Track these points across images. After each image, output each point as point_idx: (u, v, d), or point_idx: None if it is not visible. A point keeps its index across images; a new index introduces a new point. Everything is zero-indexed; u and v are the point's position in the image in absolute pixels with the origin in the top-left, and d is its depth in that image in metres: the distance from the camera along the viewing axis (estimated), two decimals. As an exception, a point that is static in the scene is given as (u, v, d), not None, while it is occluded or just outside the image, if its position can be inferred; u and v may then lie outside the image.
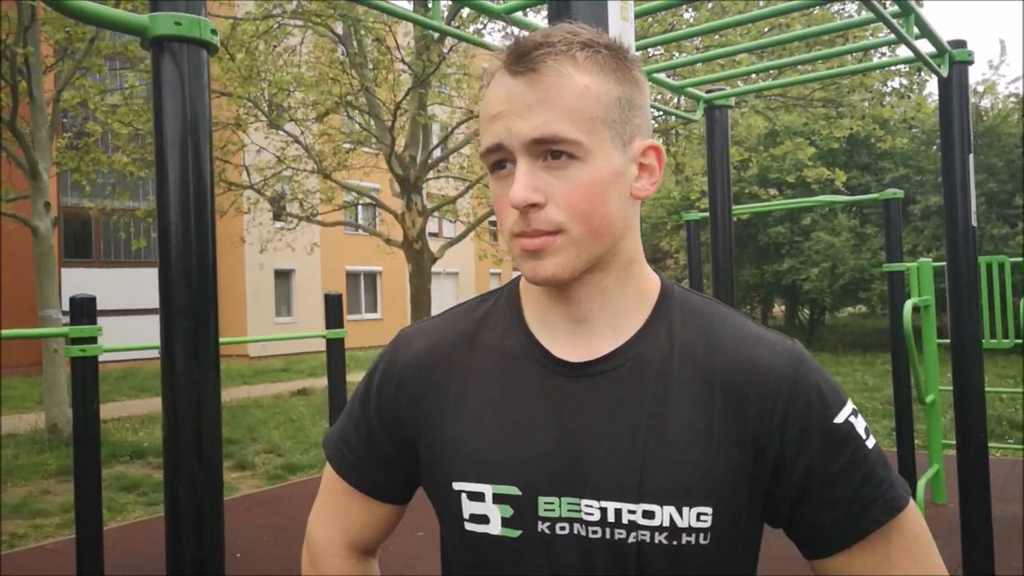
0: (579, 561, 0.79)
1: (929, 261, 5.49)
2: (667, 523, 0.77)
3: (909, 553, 0.80)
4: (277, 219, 19.74)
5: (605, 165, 0.77)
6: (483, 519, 0.83)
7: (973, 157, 3.23)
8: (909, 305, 4.48)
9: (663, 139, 14.82)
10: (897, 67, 10.95)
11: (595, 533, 0.78)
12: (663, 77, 3.69)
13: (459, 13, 11.35)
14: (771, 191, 16.03)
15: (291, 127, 13.36)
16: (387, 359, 0.93)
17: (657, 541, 0.77)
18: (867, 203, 13.53)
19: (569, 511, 0.79)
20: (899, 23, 2.57)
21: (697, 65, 9.83)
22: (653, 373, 0.81)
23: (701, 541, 0.77)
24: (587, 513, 0.79)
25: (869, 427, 0.82)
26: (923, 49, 2.77)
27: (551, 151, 0.75)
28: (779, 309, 28.80)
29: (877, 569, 0.79)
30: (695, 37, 10.33)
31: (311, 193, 14.35)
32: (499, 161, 0.79)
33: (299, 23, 12.89)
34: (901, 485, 0.81)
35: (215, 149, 13.55)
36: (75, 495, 3.76)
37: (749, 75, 7.24)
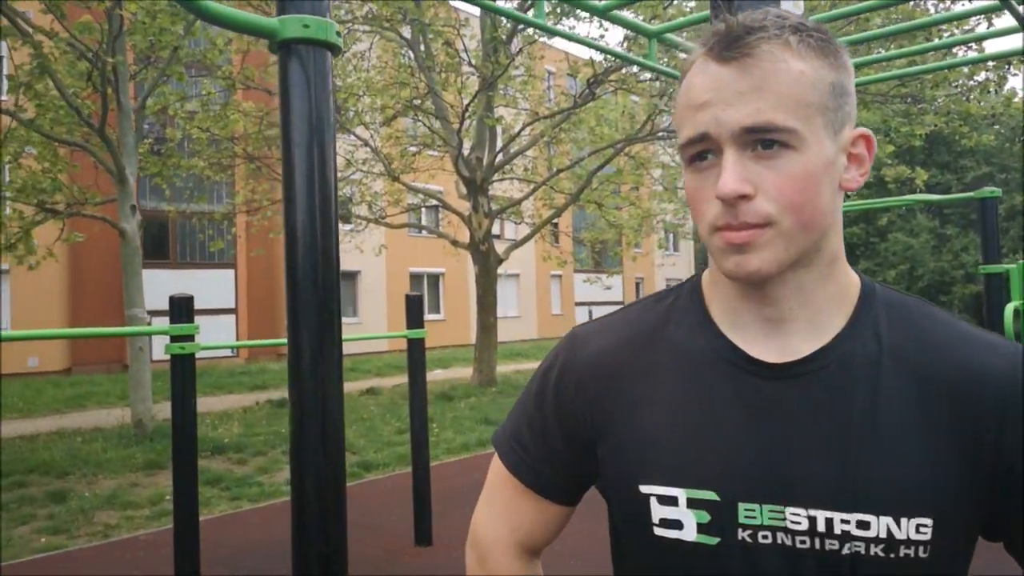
0: (784, 572, 0.75)
1: (1030, 262, 5.24)
2: (884, 534, 0.73)
3: None
4: (345, 222, 20.15)
5: (819, 155, 0.74)
6: (675, 524, 0.80)
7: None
8: (1011, 308, 4.27)
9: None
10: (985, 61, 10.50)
11: (803, 543, 0.75)
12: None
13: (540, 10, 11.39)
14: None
15: (360, 131, 13.59)
16: (564, 358, 0.91)
17: (872, 553, 0.73)
18: (947, 203, 13.00)
19: (772, 519, 0.76)
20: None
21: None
22: (862, 375, 0.77)
23: (920, 554, 0.73)
24: (793, 522, 0.75)
25: None
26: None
27: (762, 140, 0.72)
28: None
29: None
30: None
31: (378, 196, 14.58)
32: (700, 152, 0.76)
33: (367, 29, 13.12)
34: None
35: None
36: (173, 487, 3.89)
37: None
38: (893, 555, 0.72)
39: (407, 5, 10.86)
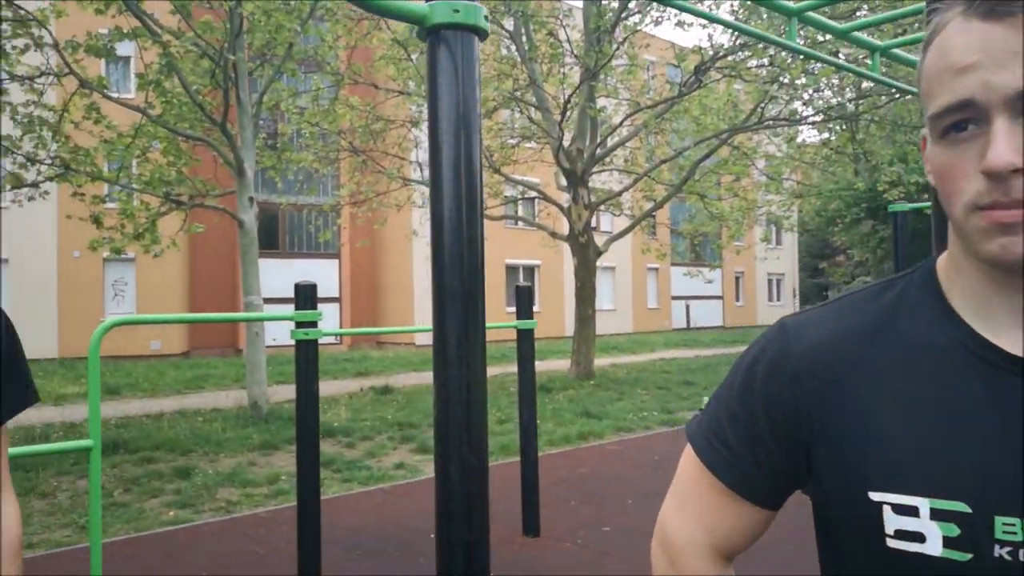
0: None
1: None
2: None
3: None
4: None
5: None
6: (915, 537, 0.72)
7: None
8: None
9: (845, 125, 13.89)
10: None
11: None
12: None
13: (627, 4, 11.19)
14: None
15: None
16: (775, 349, 0.85)
17: None
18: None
19: None
20: None
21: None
22: None
23: None
24: None
25: None
26: None
27: None
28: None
29: None
30: None
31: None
32: (959, 122, 0.68)
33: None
34: None
35: (393, 147, 14.26)
36: (297, 467, 4.02)
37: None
38: None
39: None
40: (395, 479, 6.63)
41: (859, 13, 10.43)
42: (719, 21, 2.69)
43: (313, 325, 4.00)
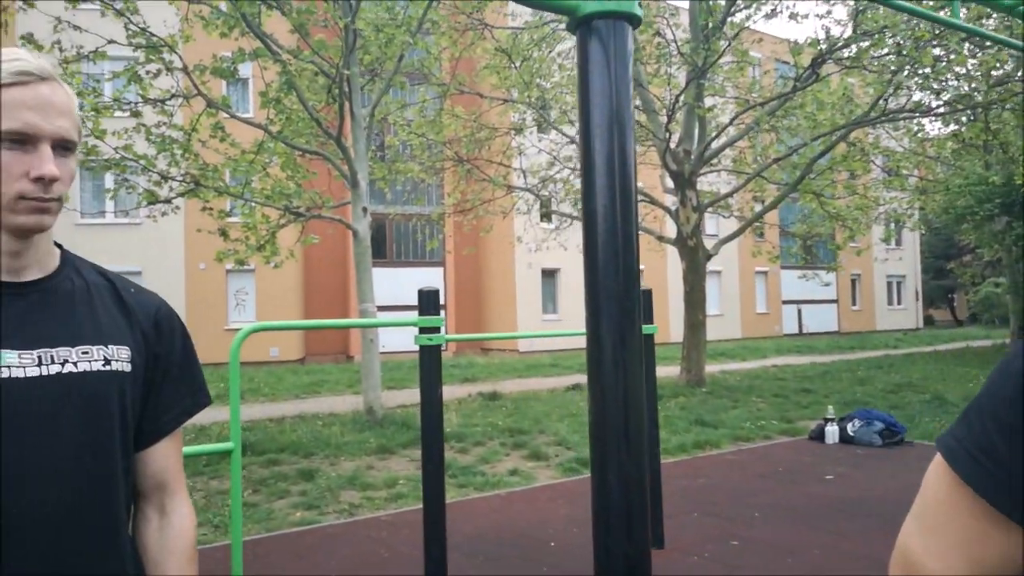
0: None
1: None
2: None
3: None
4: (546, 219, 20.49)
5: None
6: None
7: None
8: None
9: (973, 115, 12.95)
10: None
11: None
12: None
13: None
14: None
15: (565, 128, 13.69)
16: None
17: None
18: None
19: None
20: None
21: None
22: None
23: None
24: None
25: None
26: None
27: None
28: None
29: None
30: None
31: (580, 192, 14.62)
32: None
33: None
34: None
35: (496, 155, 14.39)
36: (422, 471, 4.05)
37: None
38: None
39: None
40: (510, 485, 6.62)
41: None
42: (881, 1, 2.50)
43: (436, 331, 4.02)
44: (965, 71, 12.27)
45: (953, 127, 14.94)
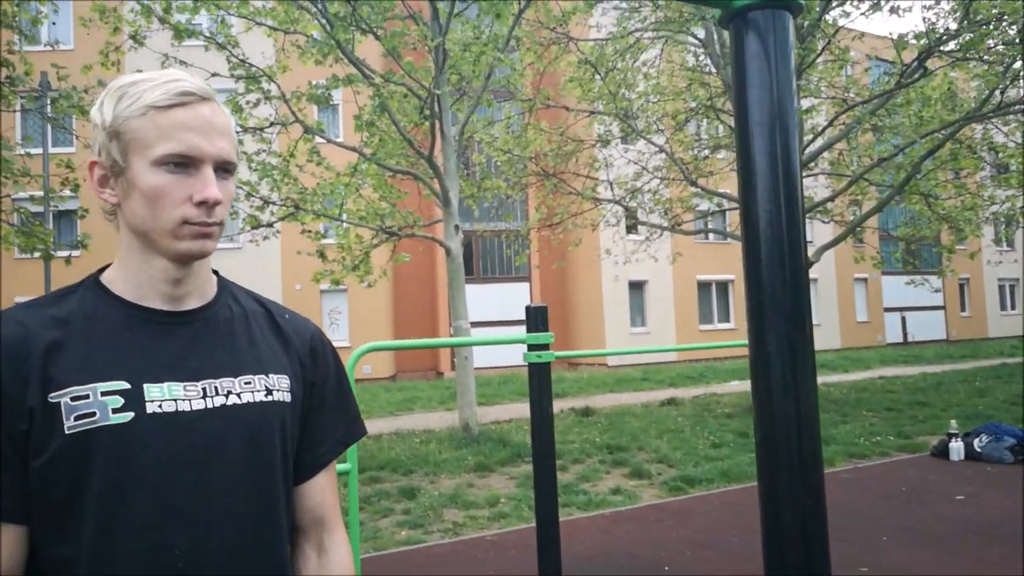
0: None
1: None
2: None
3: None
4: (632, 231, 20.21)
5: None
6: None
7: None
8: None
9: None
10: None
11: None
12: None
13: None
14: None
15: (653, 137, 13.45)
16: None
17: None
18: None
19: None
20: None
21: None
22: None
23: None
24: None
25: None
26: None
27: None
28: None
29: None
30: None
31: (672, 202, 14.31)
32: None
33: (656, 35, 12.98)
34: None
35: (582, 167, 14.27)
36: (535, 490, 3.95)
37: None
38: None
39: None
40: (614, 505, 6.44)
41: None
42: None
43: (545, 348, 3.93)
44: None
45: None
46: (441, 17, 9.28)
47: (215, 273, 1.19)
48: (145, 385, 1.01)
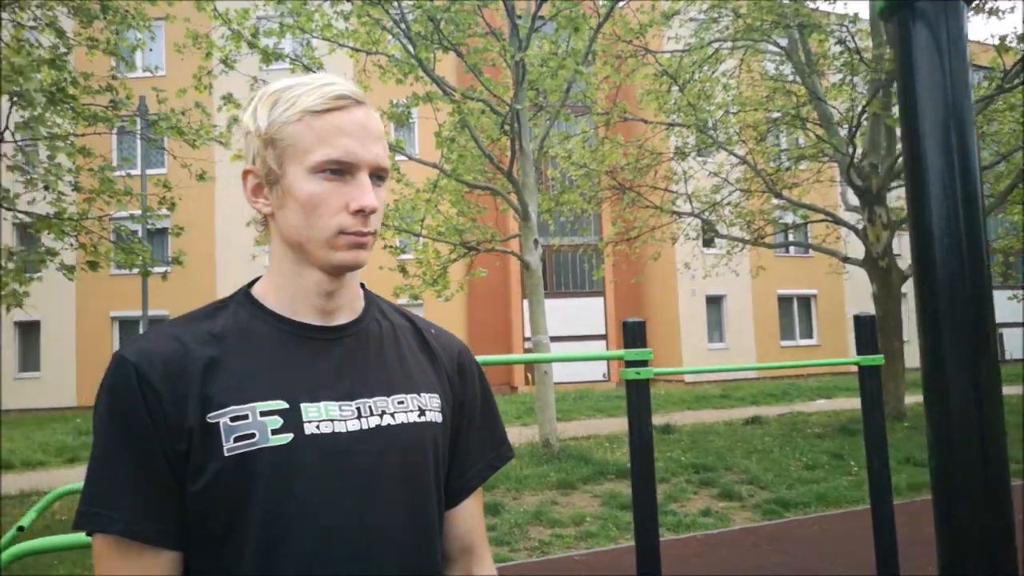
0: None
1: None
2: None
3: None
4: (708, 245, 19.77)
5: None
6: None
7: None
8: None
9: None
10: None
11: None
12: None
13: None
14: None
15: (732, 149, 13.15)
16: None
17: None
18: None
19: None
20: None
21: None
22: None
23: None
24: None
25: None
26: None
27: None
28: None
29: None
30: None
31: (754, 214, 13.94)
32: None
33: (732, 44, 12.71)
34: None
35: (660, 180, 14.06)
36: (633, 510, 3.81)
37: None
38: None
39: (788, 9, 10.24)
40: (705, 527, 6.23)
41: None
42: None
43: (644, 364, 3.80)
44: None
45: None
46: (521, 33, 9.30)
47: (361, 286, 1.15)
48: (302, 405, 0.96)
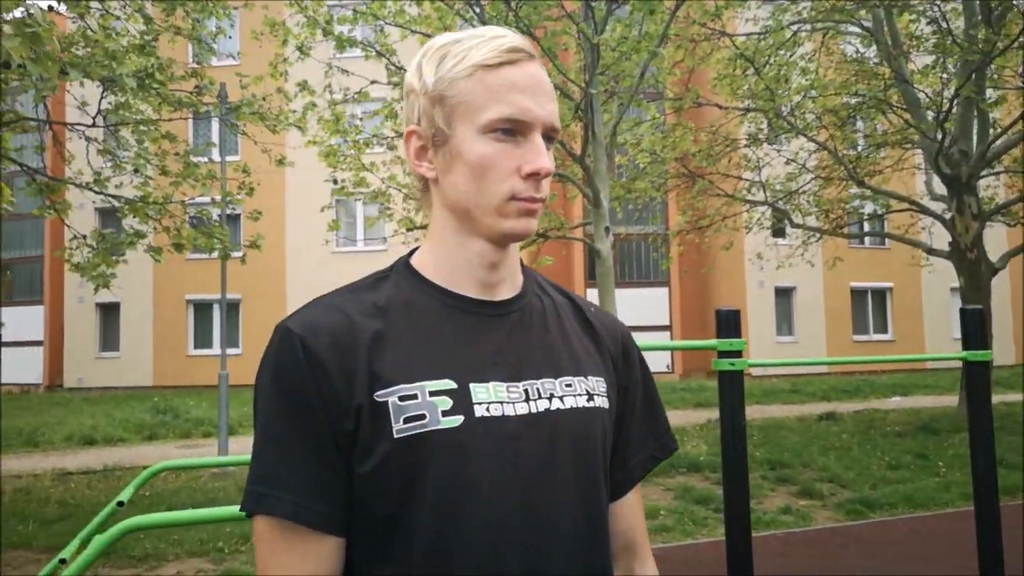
0: None
1: None
2: None
3: None
4: (778, 235, 19.20)
5: None
6: None
7: None
8: None
9: None
10: None
11: None
12: None
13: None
14: None
15: (812, 135, 12.70)
16: None
17: None
18: None
19: None
20: None
21: None
22: None
23: None
24: None
25: None
26: None
27: None
28: None
29: None
30: None
31: (832, 203, 13.44)
32: None
33: (812, 27, 12.24)
34: None
35: (733, 168, 13.68)
36: (725, 512, 3.64)
37: None
38: None
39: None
40: (787, 525, 6.04)
41: None
42: None
43: (738, 355, 3.65)
44: None
45: None
46: (597, 16, 9.13)
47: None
48: (471, 385, 0.89)
